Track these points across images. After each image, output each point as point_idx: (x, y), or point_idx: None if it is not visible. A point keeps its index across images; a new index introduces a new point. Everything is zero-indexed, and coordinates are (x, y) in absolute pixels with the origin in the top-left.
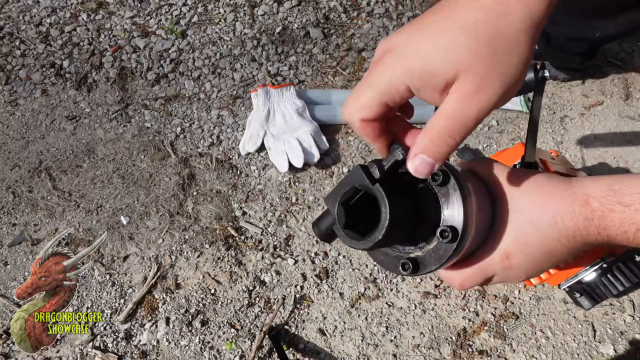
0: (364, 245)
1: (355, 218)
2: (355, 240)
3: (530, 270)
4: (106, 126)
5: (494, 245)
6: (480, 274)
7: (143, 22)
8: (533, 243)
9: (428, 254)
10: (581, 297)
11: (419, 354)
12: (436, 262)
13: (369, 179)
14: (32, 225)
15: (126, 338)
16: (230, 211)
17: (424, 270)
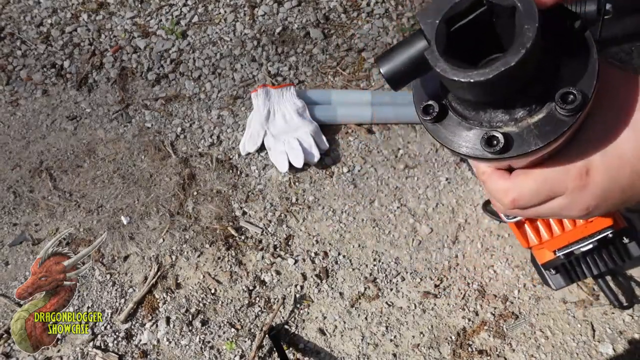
0: (480, 76)
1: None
2: (462, 70)
3: (605, 198)
4: (107, 126)
5: (573, 149)
6: (545, 188)
7: (143, 22)
8: (622, 154)
9: (527, 130)
10: (555, 275)
11: (419, 354)
12: (540, 139)
13: None
14: (33, 225)
15: (127, 337)
16: (230, 211)
17: (519, 151)
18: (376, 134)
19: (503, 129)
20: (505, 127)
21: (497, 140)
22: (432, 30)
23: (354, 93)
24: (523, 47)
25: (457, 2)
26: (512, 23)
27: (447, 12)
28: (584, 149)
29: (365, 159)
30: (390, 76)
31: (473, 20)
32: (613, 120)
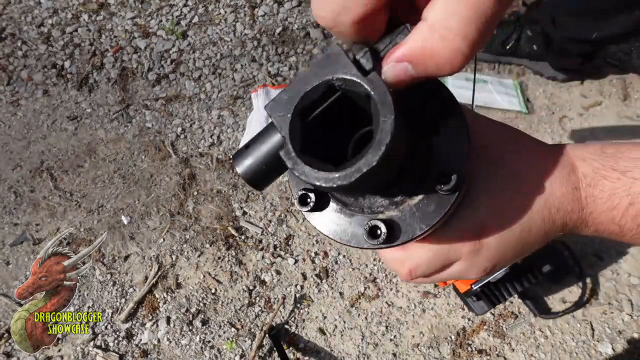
0: (342, 180)
1: (314, 143)
2: (322, 172)
3: (500, 258)
4: (107, 126)
5: (463, 215)
6: (440, 258)
7: (144, 22)
8: (513, 215)
9: (409, 213)
10: (478, 302)
11: (419, 353)
12: (424, 223)
13: (358, 68)
14: (34, 225)
15: (127, 337)
16: (230, 211)
17: (405, 238)
18: None
19: (385, 214)
20: (387, 211)
21: (380, 231)
22: (286, 126)
23: None
24: (382, 144)
25: (309, 91)
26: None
27: (300, 102)
28: (474, 212)
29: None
30: (249, 177)
31: (329, 106)
32: (497, 179)
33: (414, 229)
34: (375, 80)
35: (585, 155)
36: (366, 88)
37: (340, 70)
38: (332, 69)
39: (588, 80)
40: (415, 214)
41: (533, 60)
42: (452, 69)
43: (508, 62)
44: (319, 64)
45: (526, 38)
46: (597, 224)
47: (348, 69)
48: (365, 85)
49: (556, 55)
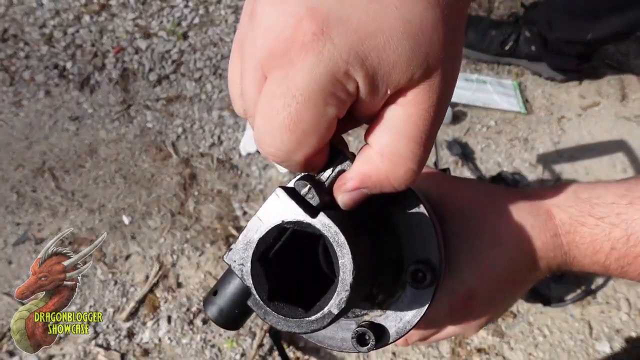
0: (316, 325)
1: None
2: (294, 320)
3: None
4: (108, 127)
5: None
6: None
7: (145, 23)
8: (499, 272)
9: (393, 313)
10: None
11: (418, 352)
12: (408, 321)
13: (306, 209)
14: (36, 225)
15: (128, 336)
16: (231, 211)
17: (394, 337)
18: None
19: (370, 315)
20: (371, 313)
21: (368, 337)
22: (248, 276)
23: None
24: (346, 284)
25: (262, 237)
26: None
27: (256, 250)
28: (460, 282)
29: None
30: (222, 323)
31: (283, 243)
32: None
33: (401, 328)
34: (325, 222)
35: (560, 202)
36: (317, 229)
37: (288, 212)
38: (279, 212)
39: (586, 80)
40: (398, 313)
41: (531, 60)
42: (406, 185)
43: (507, 63)
44: (266, 209)
45: (524, 39)
46: (582, 266)
47: (296, 212)
48: (317, 227)
49: (553, 56)
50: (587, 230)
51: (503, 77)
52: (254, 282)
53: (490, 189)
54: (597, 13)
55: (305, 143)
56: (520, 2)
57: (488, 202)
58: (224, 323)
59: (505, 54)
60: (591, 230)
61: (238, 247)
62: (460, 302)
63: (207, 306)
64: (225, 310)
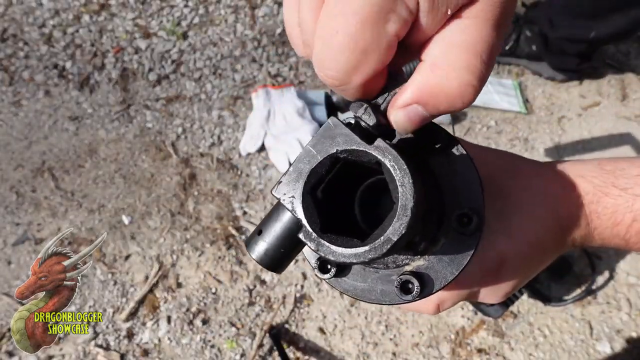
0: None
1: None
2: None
3: (523, 277)
4: (108, 127)
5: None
6: (465, 290)
7: (145, 23)
8: (529, 239)
9: (436, 260)
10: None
11: (418, 353)
12: (453, 267)
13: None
14: (35, 225)
15: (128, 336)
16: (231, 211)
17: (438, 286)
18: None
19: (411, 265)
20: (413, 262)
21: (412, 284)
22: (299, 207)
23: None
24: (407, 209)
25: (314, 168)
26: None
27: (308, 181)
28: (491, 246)
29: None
30: (267, 264)
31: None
32: (506, 209)
33: (445, 276)
34: (383, 147)
35: (584, 172)
36: (375, 156)
37: (343, 141)
38: (333, 141)
39: (587, 80)
40: (442, 260)
41: (532, 60)
42: (463, 104)
43: (507, 63)
44: (319, 139)
45: (525, 38)
46: (602, 239)
47: (351, 140)
48: (374, 154)
49: (554, 55)
50: (610, 200)
51: (503, 77)
52: (305, 214)
53: (517, 159)
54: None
55: (365, 63)
56: (521, 2)
57: (516, 170)
58: (270, 263)
59: (506, 53)
60: (614, 200)
61: (287, 179)
62: (491, 265)
63: (250, 246)
64: (271, 249)
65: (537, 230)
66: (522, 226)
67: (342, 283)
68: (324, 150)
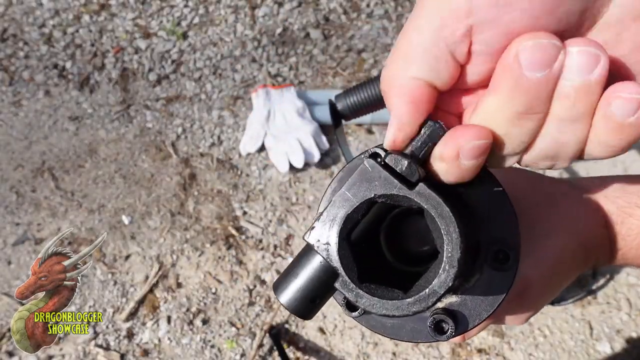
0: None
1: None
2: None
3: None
4: (108, 127)
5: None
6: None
7: (145, 23)
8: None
9: (470, 298)
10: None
11: (418, 353)
12: (488, 305)
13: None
14: (35, 225)
15: (128, 336)
16: (231, 211)
17: (472, 324)
18: (376, 134)
19: (443, 302)
20: (445, 299)
21: (446, 324)
22: (334, 255)
23: None
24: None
25: (350, 213)
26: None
27: (344, 227)
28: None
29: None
30: (296, 309)
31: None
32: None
33: (479, 313)
34: (427, 194)
35: (607, 193)
36: (418, 202)
37: (382, 186)
38: (370, 185)
39: None
40: (476, 297)
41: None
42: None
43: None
44: (355, 182)
45: None
46: (625, 259)
47: (391, 184)
48: (417, 200)
49: None
50: (635, 222)
51: None
52: (342, 263)
53: (541, 179)
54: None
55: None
56: None
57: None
58: (300, 310)
59: None
60: (638, 222)
61: (321, 224)
62: (517, 289)
63: (280, 291)
64: (302, 296)
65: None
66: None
67: (370, 320)
68: (361, 195)
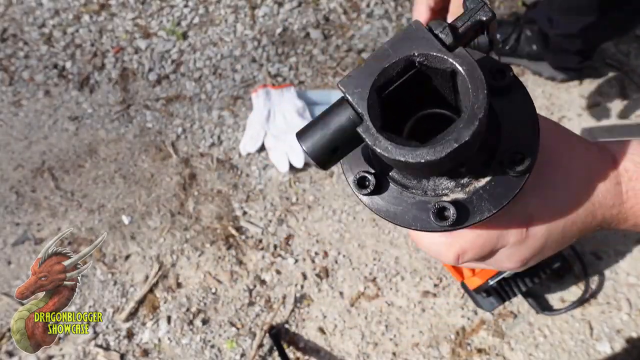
0: (431, 155)
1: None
2: (408, 148)
3: (541, 250)
4: (108, 126)
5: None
6: (489, 244)
7: (145, 23)
8: (561, 207)
9: (476, 196)
10: (487, 298)
11: (418, 353)
12: (492, 205)
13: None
14: (35, 225)
15: (128, 336)
16: (230, 211)
17: (473, 220)
18: None
19: (450, 196)
20: (452, 194)
21: (448, 212)
22: (363, 102)
23: None
24: (476, 118)
25: (388, 66)
26: (451, 83)
27: (379, 78)
28: (525, 202)
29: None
30: (317, 154)
31: (404, 83)
32: (547, 173)
33: (481, 211)
34: (463, 56)
35: (624, 149)
36: (452, 63)
37: (423, 45)
38: (412, 44)
39: (587, 80)
40: (482, 197)
41: (532, 60)
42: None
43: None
44: (398, 39)
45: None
46: (637, 217)
47: (432, 45)
48: (452, 61)
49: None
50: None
51: None
52: (369, 109)
53: (560, 129)
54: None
55: None
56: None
57: (565, 142)
58: (320, 157)
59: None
60: None
61: (356, 74)
62: (521, 220)
63: (304, 137)
64: (325, 143)
65: (571, 201)
66: (557, 196)
67: (376, 203)
68: (401, 51)
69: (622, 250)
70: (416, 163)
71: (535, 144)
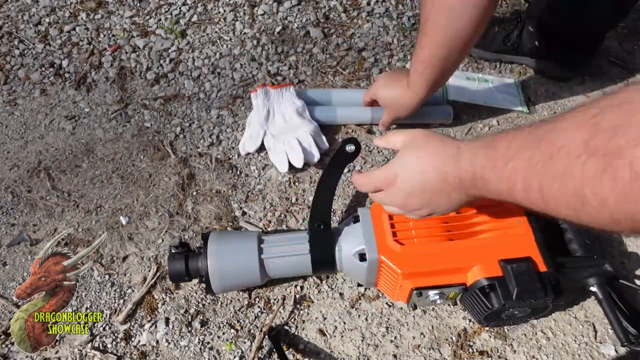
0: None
1: None
2: None
3: (409, 194)
4: (105, 126)
5: (389, 166)
6: (372, 183)
7: (142, 21)
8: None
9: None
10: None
11: (419, 355)
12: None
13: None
14: (31, 226)
15: (125, 338)
16: (230, 211)
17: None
18: (376, 134)
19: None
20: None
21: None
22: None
23: (354, 93)
24: None
25: None
26: None
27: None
28: (392, 165)
29: (366, 159)
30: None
31: None
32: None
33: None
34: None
35: (465, 138)
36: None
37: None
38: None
39: (590, 79)
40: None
41: (535, 57)
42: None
43: (510, 61)
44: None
45: (527, 34)
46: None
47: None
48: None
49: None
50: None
51: (505, 75)
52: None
53: (431, 132)
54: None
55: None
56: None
57: (425, 136)
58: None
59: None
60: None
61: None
62: (388, 176)
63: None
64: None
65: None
66: (413, 160)
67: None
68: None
69: (626, 251)
70: None
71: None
